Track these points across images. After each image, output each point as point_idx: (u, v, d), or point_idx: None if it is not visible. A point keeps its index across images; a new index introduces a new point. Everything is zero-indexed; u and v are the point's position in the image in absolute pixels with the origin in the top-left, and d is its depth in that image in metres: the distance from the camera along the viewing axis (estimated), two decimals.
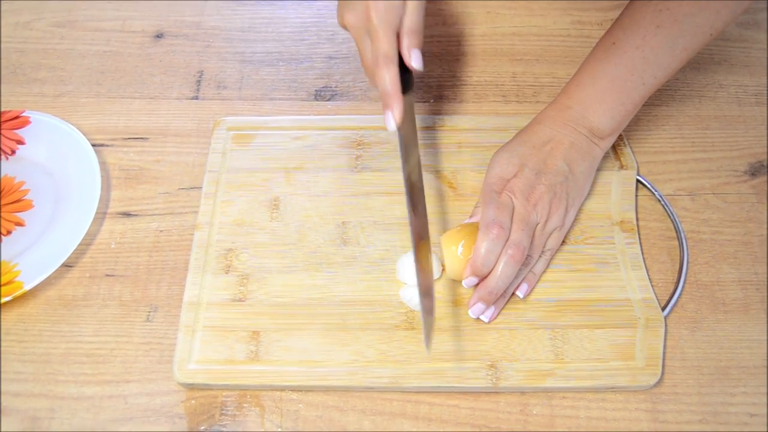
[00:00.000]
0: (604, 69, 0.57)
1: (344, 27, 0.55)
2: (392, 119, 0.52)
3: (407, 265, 0.57)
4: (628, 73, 0.56)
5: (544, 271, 0.58)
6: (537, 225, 0.55)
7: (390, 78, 0.52)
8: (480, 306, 0.53)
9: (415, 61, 0.53)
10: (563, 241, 0.59)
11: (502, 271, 0.52)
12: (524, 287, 0.56)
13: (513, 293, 0.56)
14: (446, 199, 0.62)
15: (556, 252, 0.58)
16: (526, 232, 0.53)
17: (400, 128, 0.53)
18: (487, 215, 0.52)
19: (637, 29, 0.56)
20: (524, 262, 0.54)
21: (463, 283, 0.53)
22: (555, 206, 0.55)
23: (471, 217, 0.58)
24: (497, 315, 0.55)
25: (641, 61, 0.56)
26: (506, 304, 0.56)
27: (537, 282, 0.57)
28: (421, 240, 0.52)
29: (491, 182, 0.56)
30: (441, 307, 0.56)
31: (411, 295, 0.56)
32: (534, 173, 0.55)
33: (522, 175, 0.55)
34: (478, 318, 0.54)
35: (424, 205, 0.54)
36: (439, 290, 0.57)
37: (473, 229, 0.54)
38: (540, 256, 0.56)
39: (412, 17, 0.53)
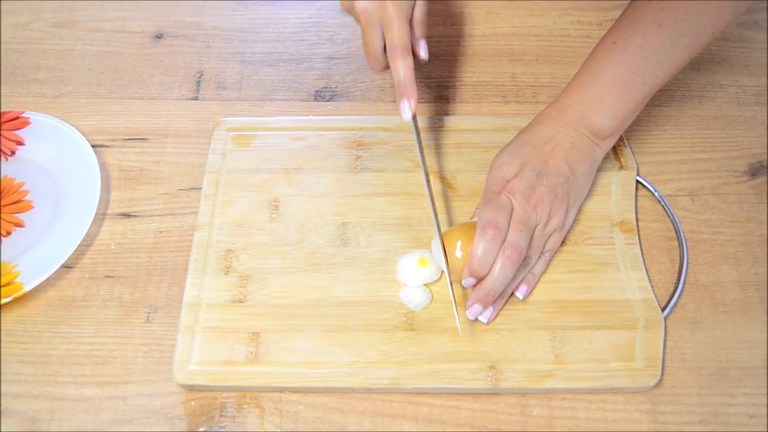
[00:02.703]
0: (605, 68, 0.57)
1: (350, 12, 0.55)
2: (408, 108, 0.54)
3: (407, 266, 0.57)
4: (630, 73, 0.56)
5: (544, 272, 0.58)
6: (537, 226, 0.55)
7: (406, 68, 0.53)
8: (477, 307, 0.53)
9: (423, 52, 0.56)
10: (563, 242, 0.59)
11: (499, 273, 0.52)
12: (524, 288, 0.56)
13: (512, 294, 0.56)
14: (446, 199, 0.62)
15: (555, 253, 0.58)
16: (525, 234, 0.53)
17: (414, 117, 0.55)
18: (484, 216, 0.52)
19: (638, 28, 0.56)
20: (523, 263, 0.54)
21: (463, 283, 0.53)
22: (556, 208, 0.55)
23: (472, 218, 0.58)
24: (496, 316, 0.55)
25: (643, 60, 0.56)
26: (505, 304, 0.56)
27: (536, 283, 0.57)
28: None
29: (491, 183, 0.56)
30: (440, 307, 0.56)
31: (411, 296, 0.56)
32: (535, 174, 0.55)
33: (522, 175, 0.55)
34: (476, 319, 0.54)
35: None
36: (439, 291, 0.57)
37: (471, 228, 0.54)
38: (539, 257, 0.56)
39: (421, 8, 0.55)
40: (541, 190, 0.55)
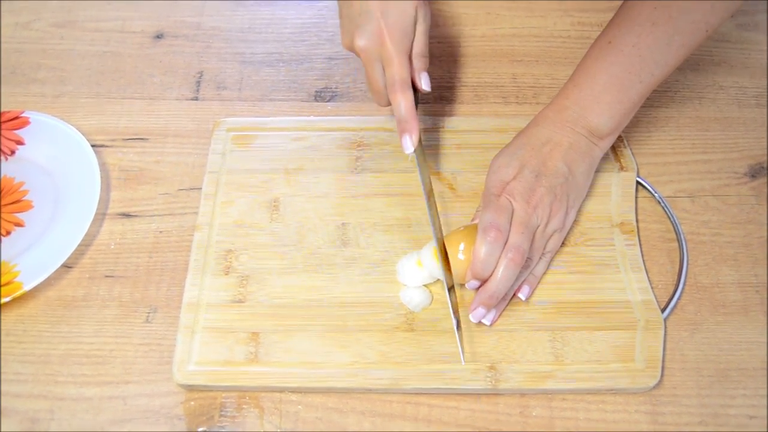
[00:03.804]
0: (600, 68, 0.57)
1: (351, 50, 0.57)
2: (410, 143, 0.55)
3: (407, 267, 0.57)
4: (625, 72, 0.56)
5: (545, 273, 0.58)
6: (537, 227, 0.55)
7: (406, 103, 0.54)
8: (481, 310, 0.53)
9: (425, 84, 0.57)
10: (563, 243, 0.59)
11: (502, 275, 0.52)
12: (525, 289, 0.56)
13: (514, 295, 0.56)
14: (446, 200, 0.62)
15: (556, 254, 0.58)
16: (526, 235, 0.53)
17: (416, 150, 0.55)
18: (485, 218, 0.52)
19: (632, 27, 0.56)
20: (525, 265, 0.54)
21: (466, 285, 0.53)
22: (555, 208, 0.55)
23: (473, 220, 0.58)
24: (498, 318, 0.55)
25: (638, 59, 0.56)
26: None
27: (538, 284, 0.57)
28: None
29: (491, 185, 0.56)
30: (440, 308, 0.56)
31: (411, 297, 0.56)
32: (534, 175, 0.55)
33: (521, 177, 0.55)
34: (480, 322, 0.54)
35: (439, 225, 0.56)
36: (438, 291, 0.57)
37: (473, 231, 0.54)
38: (540, 258, 0.56)
39: (421, 41, 0.56)
40: (540, 191, 0.55)
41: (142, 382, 0.54)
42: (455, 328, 0.54)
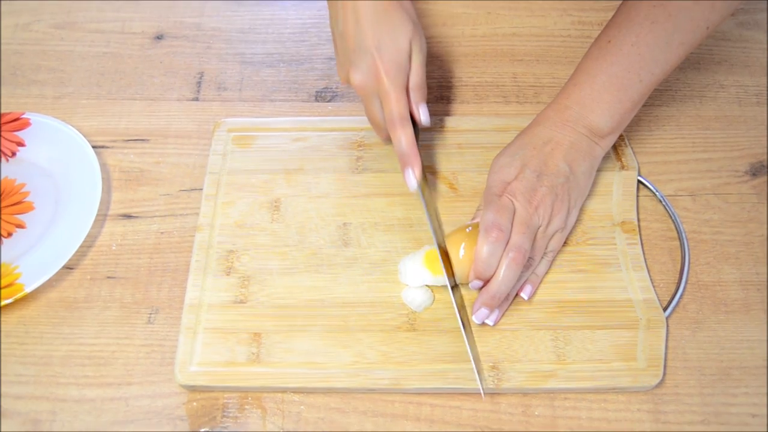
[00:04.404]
0: (600, 68, 0.57)
1: (348, 84, 0.57)
2: (413, 177, 0.56)
3: (409, 267, 0.57)
4: (625, 71, 0.56)
5: (547, 273, 0.57)
6: (539, 227, 0.55)
7: (407, 138, 0.55)
8: (484, 311, 0.53)
9: (423, 117, 0.57)
10: (565, 242, 0.59)
11: (504, 275, 0.52)
12: (528, 289, 0.56)
13: (516, 295, 0.56)
14: (447, 200, 0.62)
15: (557, 253, 0.58)
16: (528, 235, 0.53)
17: (420, 184, 0.56)
18: (487, 218, 0.52)
19: (631, 26, 0.56)
20: (527, 265, 0.54)
21: (469, 286, 0.53)
22: (557, 208, 0.55)
23: (473, 219, 0.58)
24: (501, 318, 0.55)
25: (637, 58, 0.56)
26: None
27: (540, 283, 0.57)
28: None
29: (492, 185, 0.56)
30: (442, 308, 0.56)
31: (413, 297, 0.56)
32: (535, 175, 0.55)
33: (523, 177, 0.55)
34: (483, 323, 0.54)
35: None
36: (439, 291, 0.57)
37: (474, 230, 0.54)
38: (542, 258, 0.56)
39: (417, 73, 0.56)
40: (542, 191, 0.55)
41: (144, 383, 0.54)
42: (462, 330, 0.53)
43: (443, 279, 0.55)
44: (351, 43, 0.54)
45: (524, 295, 0.55)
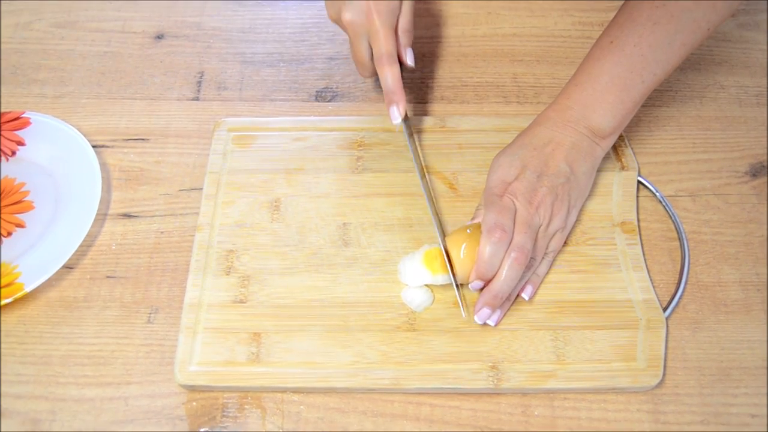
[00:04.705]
0: (602, 68, 0.57)
1: (337, 23, 0.59)
2: (397, 113, 0.58)
3: (409, 267, 0.57)
4: (627, 72, 0.56)
5: (547, 273, 0.57)
6: (539, 227, 0.55)
7: (393, 76, 0.58)
8: (486, 311, 0.53)
9: (409, 59, 0.60)
10: (565, 243, 0.59)
11: (506, 275, 0.52)
12: (529, 289, 0.56)
13: (517, 296, 0.56)
14: (447, 200, 0.62)
15: (558, 253, 0.58)
16: (529, 235, 0.53)
17: (404, 119, 0.59)
18: (489, 219, 0.52)
19: (633, 27, 0.56)
20: (528, 265, 0.54)
21: (470, 286, 0.53)
22: (557, 208, 0.55)
23: (473, 219, 0.58)
24: (502, 318, 0.55)
25: (639, 58, 0.56)
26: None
27: (540, 283, 0.57)
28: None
29: (493, 185, 0.56)
30: (442, 308, 0.56)
31: (412, 297, 0.56)
32: (536, 175, 0.55)
33: (523, 177, 0.55)
34: (484, 323, 0.54)
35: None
36: (439, 291, 0.57)
37: (475, 231, 0.54)
38: (543, 258, 0.56)
39: (407, 17, 0.59)
40: (542, 191, 0.55)
41: (143, 383, 0.54)
42: (455, 288, 0.55)
43: (442, 278, 0.55)
44: None
45: (525, 295, 0.55)
